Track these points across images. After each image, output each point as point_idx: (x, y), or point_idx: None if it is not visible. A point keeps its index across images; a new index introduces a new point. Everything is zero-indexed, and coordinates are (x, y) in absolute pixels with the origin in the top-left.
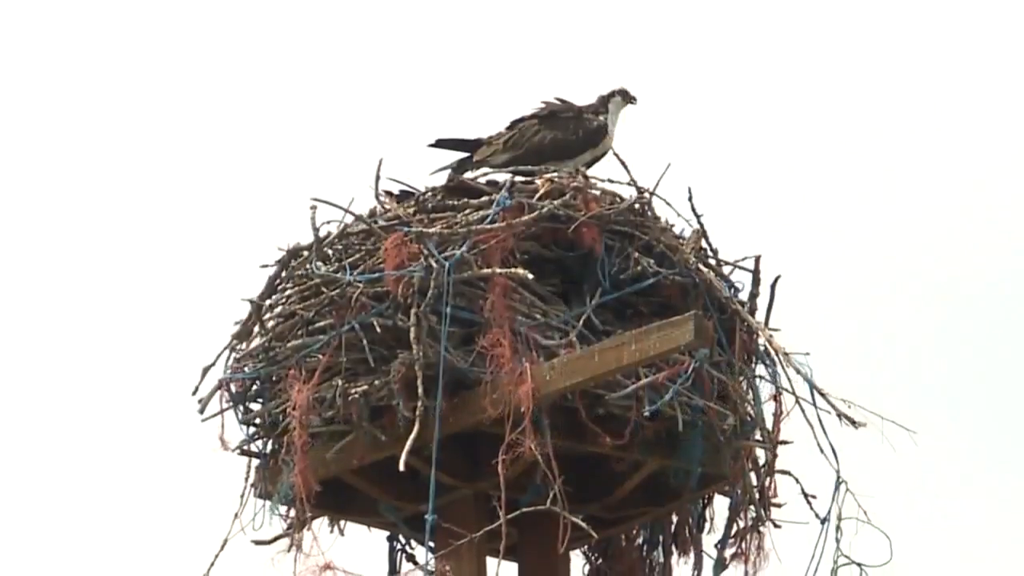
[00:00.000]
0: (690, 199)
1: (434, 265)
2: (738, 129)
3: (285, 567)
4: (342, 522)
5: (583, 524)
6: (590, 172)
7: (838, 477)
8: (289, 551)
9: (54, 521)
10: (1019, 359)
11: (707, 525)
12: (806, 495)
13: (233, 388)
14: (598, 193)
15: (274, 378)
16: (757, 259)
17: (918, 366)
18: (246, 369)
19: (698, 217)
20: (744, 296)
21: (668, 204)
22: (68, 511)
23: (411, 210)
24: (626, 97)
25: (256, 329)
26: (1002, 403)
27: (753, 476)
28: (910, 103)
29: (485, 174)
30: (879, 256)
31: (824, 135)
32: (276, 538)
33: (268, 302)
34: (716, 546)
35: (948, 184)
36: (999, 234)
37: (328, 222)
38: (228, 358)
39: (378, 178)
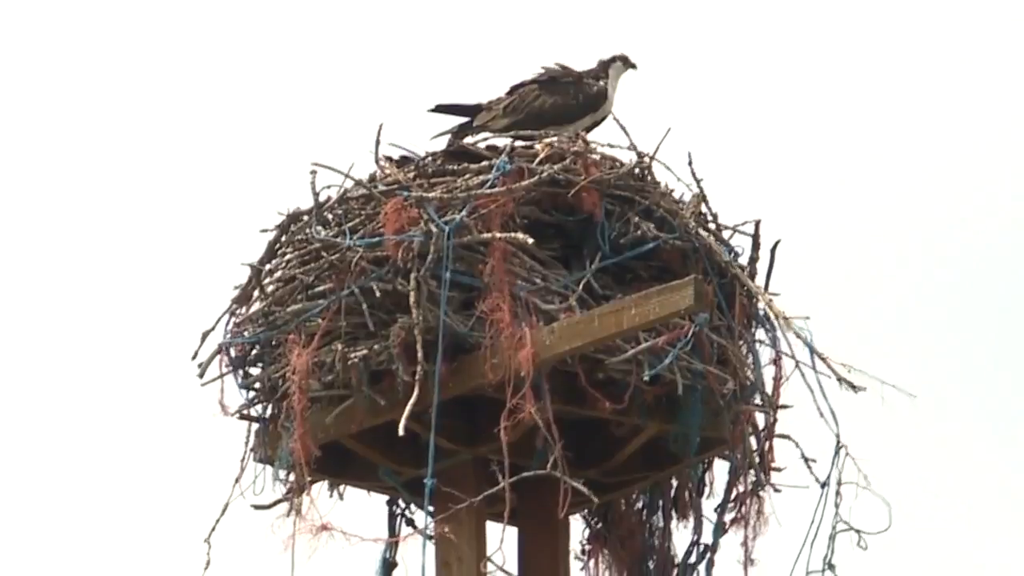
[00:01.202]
0: (690, 164)
1: (434, 230)
2: (738, 94)
3: (285, 531)
4: (342, 486)
5: (583, 489)
6: (590, 137)
7: (838, 441)
8: (288, 515)
9: (54, 486)
10: (1020, 323)
11: (707, 489)
12: (806, 459)
13: (233, 353)
14: (598, 158)
15: (274, 343)
16: (757, 223)
17: (918, 330)
18: (246, 334)
19: (698, 181)
20: (744, 260)
21: (668, 169)
22: (69, 477)
23: (411, 175)
24: (626, 63)
25: (256, 294)
26: (1003, 368)
27: (753, 440)
28: (910, 66)
29: (485, 139)
30: (880, 220)
31: (824, 99)
32: (276, 502)
33: (268, 267)
34: (716, 510)
35: (949, 147)
36: (1001, 198)
37: (328, 187)
38: (228, 323)
39: (378, 143)
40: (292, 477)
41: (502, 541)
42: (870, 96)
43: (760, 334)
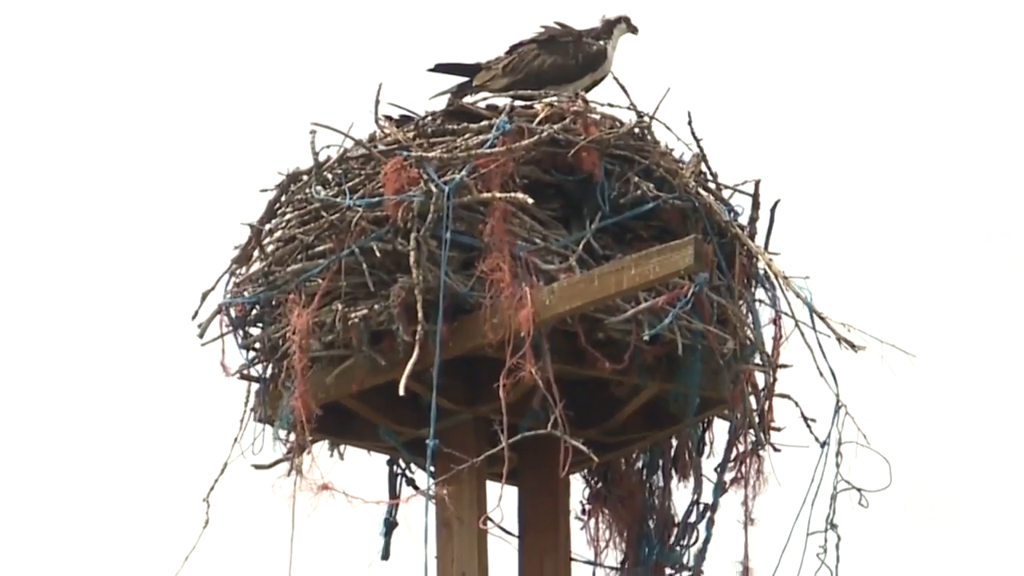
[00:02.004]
0: (690, 123)
1: (434, 190)
2: (738, 53)
3: (285, 491)
4: (342, 446)
5: (584, 448)
6: (589, 96)
7: (837, 401)
8: (289, 475)
9: (54, 446)
10: (1020, 283)
11: (707, 449)
12: (806, 419)
13: (233, 313)
14: (598, 117)
15: (274, 302)
16: (757, 183)
17: (918, 290)
18: (246, 294)
19: (698, 141)
20: (744, 220)
21: (668, 128)
22: (69, 437)
23: (411, 135)
24: (629, 26)
25: (256, 253)
26: (1002, 326)
27: (753, 400)
28: (910, 23)
29: (485, 99)
30: (880, 180)
31: (823, 59)
32: (276, 462)
33: (268, 226)
34: (716, 470)
35: (950, 105)
36: (1003, 158)
37: (328, 146)
38: (228, 282)
39: (378, 103)
40: (292, 437)
41: (500, 499)
42: (869, 54)
43: (760, 294)
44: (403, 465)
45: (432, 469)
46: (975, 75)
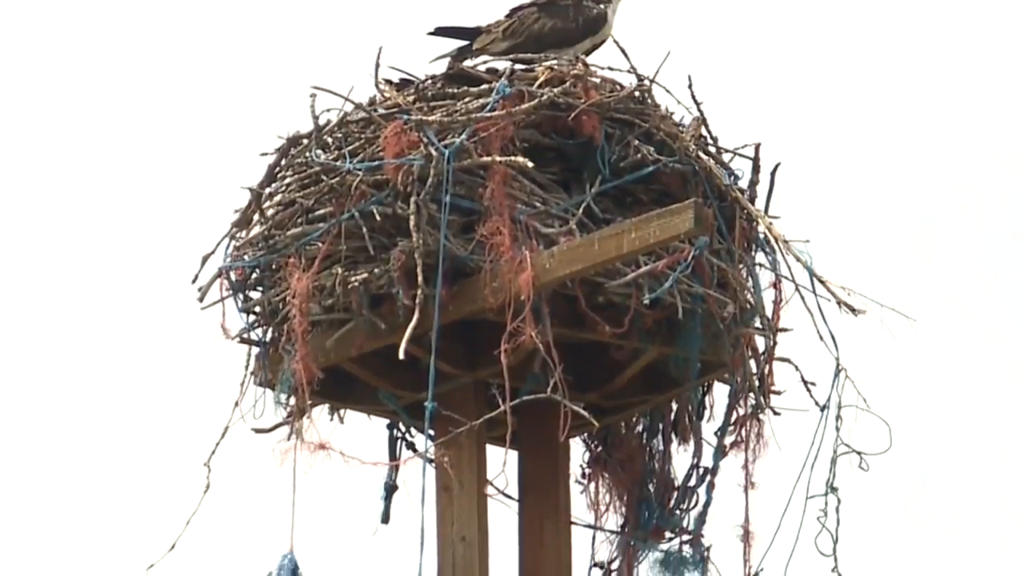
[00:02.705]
0: (690, 87)
1: (434, 153)
2: (738, 17)
3: (286, 455)
4: (342, 411)
5: (584, 412)
6: (590, 60)
7: (837, 364)
8: (289, 439)
9: (54, 409)
10: (1020, 247)
11: (707, 413)
12: (806, 383)
13: (233, 276)
14: (598, 81)
15: (274, 266)
16: (757, 147)
17: (918, 253)
18: (246, 257)
19: (698, 105)
20: (744, 184)
21: (668, 92)
22: (69, 400)
23: (411, 98)
24: None
25: (256, 217)
26: (1002, 290)
27: (753, 364)
28: None
29: (485, 62)
30: (880, 143)
31: (823, 21)
32: (276, 426)
33: (268, 190)
34: (716, 434)
35: (952, 67)
36: (1004, 121)
37: (328, 110)
38: (228, 246)
39: (378, 66)
40: (292, 401)
41: (504, 464)
42: (870, 17)
43: (760, 258)
44: (403, 429)
45: (431, 433)
46: (976, 35)
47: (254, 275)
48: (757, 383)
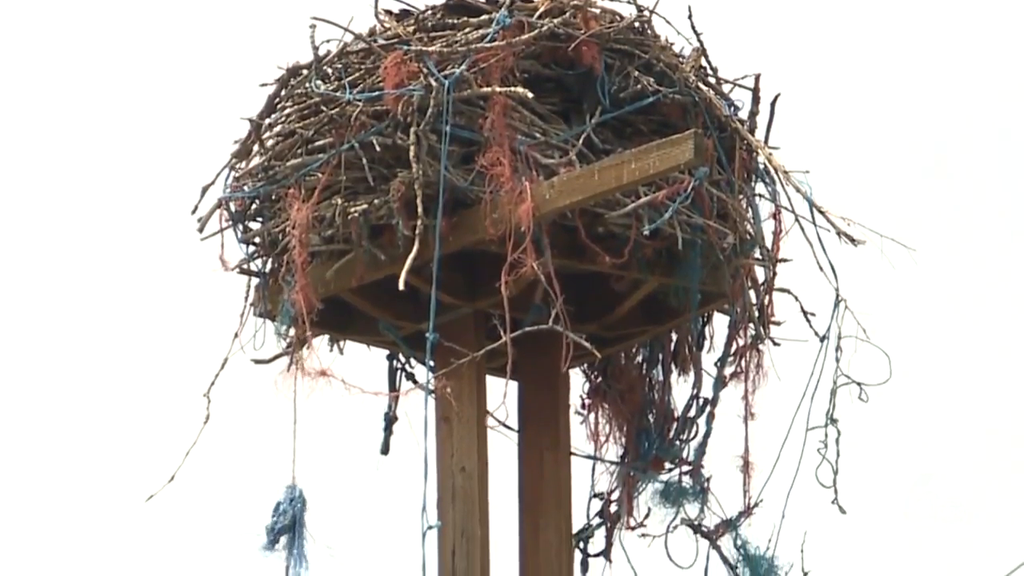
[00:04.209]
0: (690, 17)
1: (434, 84)
2: None
3: (287, 385)
4: (342, 341)
5: (584, 343)
6: None
7: (837, 295)
8: (289, 370)
9: (53, 338)
10: (1020, 177)
11: (707, 343)
12: (805, 313)
13: (232, 207)
14: (598, 12)
15: (273, 197)
16: (757, 77)
17: (918, 184)
18: (246, 188)
19: (698, 36)
20: (744, 115)
21: (668, 23)
22: (68, 330)
23: (411, 29)
24: None
25: (255, 148)
26: (1002, 220)
27: (752, 294)
28: None
29: None
30: (880, 73)
31: None
32: (276, 357)
33: (267, 121)
34: (716, 364)
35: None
36: (1007, 50)
37: (327, 41)
38: (227, 177)
39: None
40: (292, 332)
41: (505, 396)
42: None
43: (760, 188)
44: (403, 360)
45: (432, 363)
46: None
47: (254, 206)
48: (757, 314)
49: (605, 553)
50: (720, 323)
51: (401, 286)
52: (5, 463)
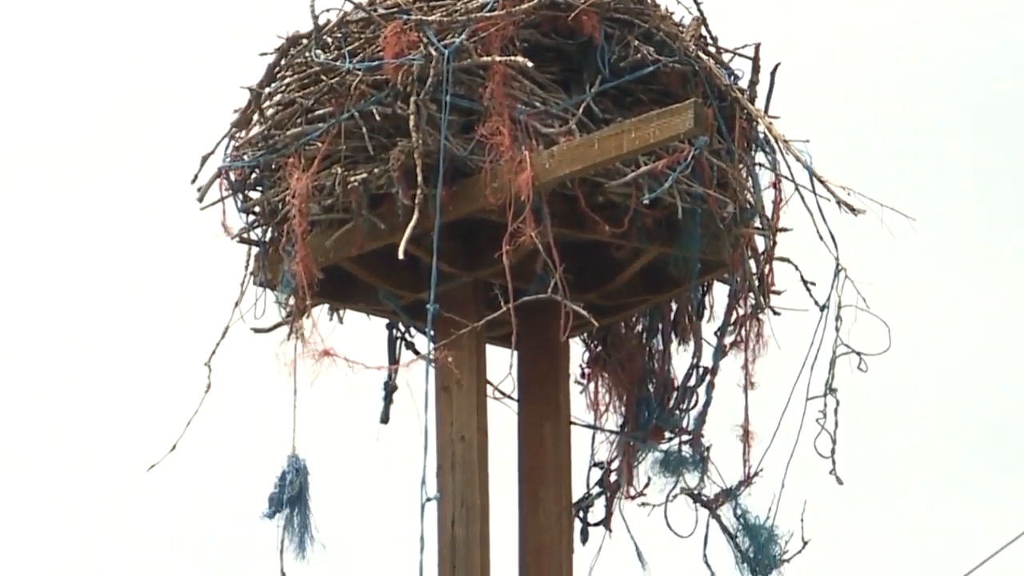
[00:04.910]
0: None
1: (433, 53)
2: None
3: (288, 356)
4: (341, 311)
5: (584, 312)
6: None
7: (837, 264)
8: (289, 339)
9: (53, 305)
10: (1020, 146)
11: (706, 313)
12: (805, 282)
13: (232, 176)
14: None
15: (273, 166)
16: (757, 47)
17: (918, 153)
18: (245, 157)
19: (698, 5)
20: (744, 84)
21: None
22: (67, 299)
23: None
24: None
25: (255, 117)
26: (1002, 190)
27: (752, 263)
28: None
29: None
30: (880, 42)
31: None
32: (276, 326)
33: (267, 90)
34: (715, 333)
35: None
36: (1008, 19)
37: (327, 10)
38: (227, 146)
39: None
40: (292, 301)
41: (511, 367)
42: None
43: (760, 157)
44: (402, 329)
45: (432, 333)
46: None
47: (253, 175)
48: (757, 283)
49: (605, 522)
50: (720, 292)
51: (401, 255)
52: (7, 433)
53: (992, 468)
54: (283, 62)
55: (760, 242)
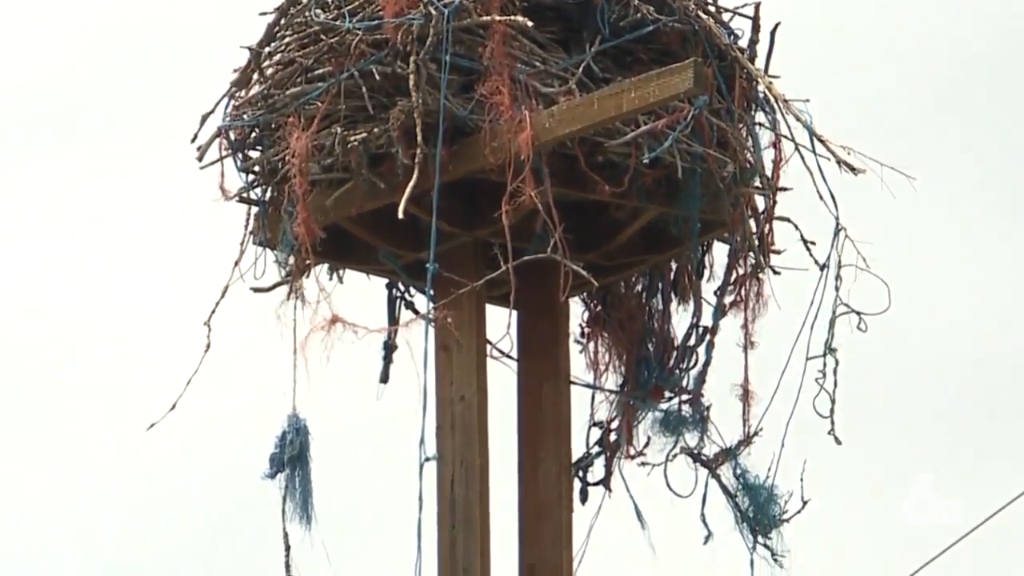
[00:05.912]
0: None
1: (433, 12)
2: None
3: (289, 317)
4: (341, 270)
5: (583, 272)
6: None
7: (837, 223)
8: (288, 299)
9: (51, 265)
10: (1020, 105)
11: (706, 272)
12: (805, 241)
13: (232, 135)
14: None
15: (273, 125)
16: (757, 6)
17: (919, 113)
18: (245, 116)
19: None
20: (744, 43)
21: None
22: (66, 257)
23: None
24: None
25: (255, 77)
26: (1002, 149)
27: (752, 223)
28: None
29: None
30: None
31: None
32: (275, 285)
33: (267, 50)
34: (715, 293)
35: None
36: None
37: None
38: (227, 106)
39: None
40: (292, 260)
41: (509, 327)
42: None
43: (760, 117)
44: (402, 289)
45: (431, 293)
46: None
47: (253, 134)
48: (757, 242)
49: (604, 482)
50: (720, 252)
51: (400, 215)
52: (6, 394)
53: (992, 427)
54: (283, 21)
55: (760, 201)
